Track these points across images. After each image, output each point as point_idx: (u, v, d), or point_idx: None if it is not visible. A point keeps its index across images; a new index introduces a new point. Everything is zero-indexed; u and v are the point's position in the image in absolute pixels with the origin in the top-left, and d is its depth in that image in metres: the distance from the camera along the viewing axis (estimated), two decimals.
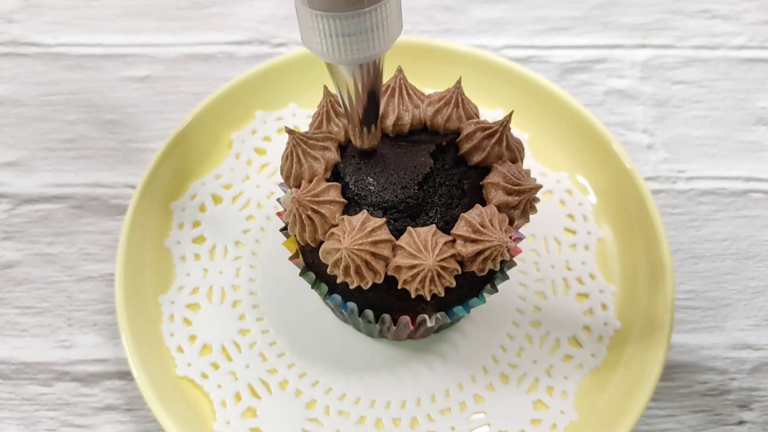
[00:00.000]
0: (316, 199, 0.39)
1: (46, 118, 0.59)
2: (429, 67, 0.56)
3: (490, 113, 0.57)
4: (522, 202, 0.40)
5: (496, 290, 0.43)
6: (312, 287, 0.43)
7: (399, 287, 0.39)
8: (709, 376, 0.51)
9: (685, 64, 0.64)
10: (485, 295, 0.43)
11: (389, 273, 0.39)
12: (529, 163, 0.55)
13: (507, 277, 0.44)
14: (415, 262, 0.38)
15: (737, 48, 0.66)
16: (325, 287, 0.43)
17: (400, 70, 0.42)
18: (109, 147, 0.58)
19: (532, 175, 0.54)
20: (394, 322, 0.43)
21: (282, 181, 0.43)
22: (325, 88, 0.42)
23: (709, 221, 0.57)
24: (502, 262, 0.42)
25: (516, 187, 0.40)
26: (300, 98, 0.57)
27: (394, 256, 0.39)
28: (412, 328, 0.44)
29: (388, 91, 0.42)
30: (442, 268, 0.38)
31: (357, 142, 0.40)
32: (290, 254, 0.45)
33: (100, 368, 0.49)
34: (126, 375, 0.49)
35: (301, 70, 0.57)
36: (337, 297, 0.43)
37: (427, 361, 0.48)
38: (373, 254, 0.38)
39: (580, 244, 0.52)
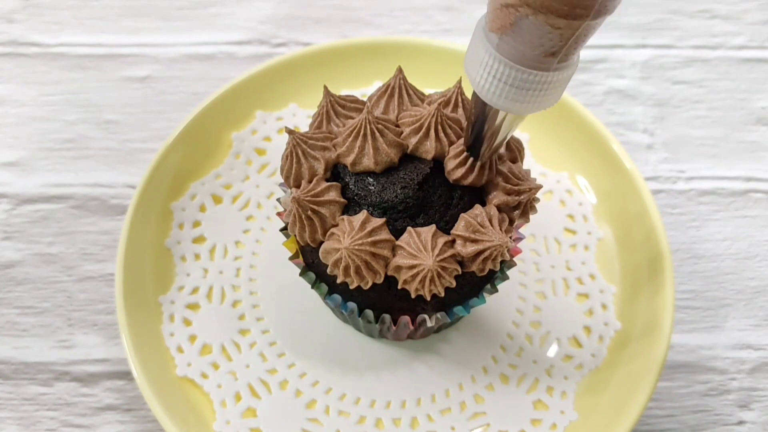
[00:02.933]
0: (316, 199, 0.39)
1: (46, 118, 0.60)
2: (429, 67, 0.56)
3: None
4: (522, 202, 0.40)
5: (496, 290, 0.43)
6: (312, 287, 0.43)
7: (399, 287, 0.39)
8: (709, 376, 0.51)
9: (685, 64, 0.65)
10: (485, 295, 0.43)
11: (389, 273, 0.39)
12: (529, 163, 0.55)
13: (507, 277, 0.43)
14: (415, 262, 0.38)
15: (737, 48, 0.66)
16: (325, 287, 0.43)
17: (400, 70, 0.42)
18: (109, 147, 0.58)
19: (532, 175, 0.54)
20: (394, 322, 0.43)
21: (282, 181, 0.43)
22: (325, 88, 0.42)
23: (709, 221, 0.57)
24: (502, 262, 0.42)
25: (516, 187, 0.40)
26: (300, 98, 0.57)
27: (394, 256, 0.39)
28: (412, 328, 0.44)
29: (388, 91, 0.42)
30: (442, 268, 0.38)
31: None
32: (290, 254, 0.45)
33: (100, 368, 0.49)
34: (126, 375, 0.49)
35: (301, 70, 0.57)
36: (337, 297, 0.43)
37: (427, 361, 0.48)
38: (373, 254, 0.38)
39: (580, 244, 0.52)
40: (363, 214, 0.39)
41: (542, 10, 0.28)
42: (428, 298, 0.39)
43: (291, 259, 0.45)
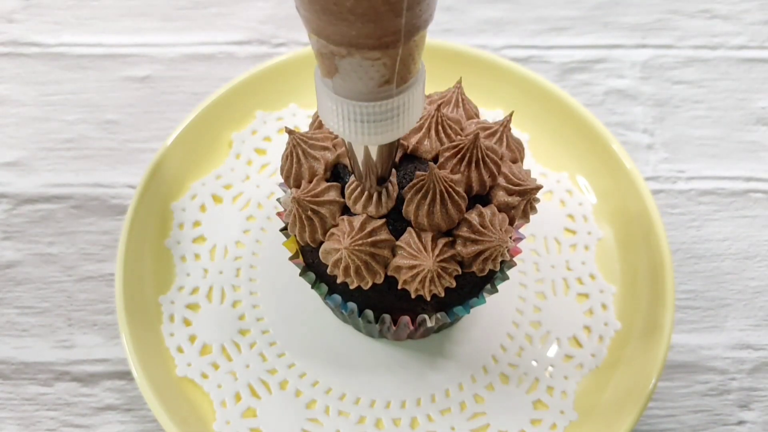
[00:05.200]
0: (316, 199, 0.39)
1: (46, 118, 0.60)
2: (429, 67, 0.56)
3: (490, 113, 0.57)
4: (522, 202, 0.40)
5: (496, 290, 0.43)
6: (312, 287, 0.43)
7: (399, 287, 0.39)
8: (709, 376, 0.51)
9: (685, 64, 0.64)
10: (485, 295, 0.43)
11: (389, 273, 0.39)
12: (529, 163, 0.55)
13: (507, 277, 0.43)
14: (415, 262, 0.38)
15: (737, 48, 0.66)
16: (325, 287, 0.43)
17: None
18: (109, 147, 0.58)
19: (533, 175, 0.54)
20: (394, 322, 0.43)
21: (282, 181, 0.43)
22: None
23: (709, 221, 0.57)
24: (502, 262, 0.42)
25: (516, 188, 0.40)
26: (300, 98, 0.57)
27: (394, 256, 0.39)
28: (412, 328, 0.44)
29: None
30: (442, 268, 0.38)
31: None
32: (290, 254, 0.45)
33: (100, 368, 0.49)
34: (126, 375, 0.49)
35: (301, 70, 0.57)
36: (337, 297, 0.43)
37: (427, 361, 0.48)
38: (373, 254, 0.38)
39: (580, 244, 0.52)
40: (363, 215, 0.39)
41: (352, 49, 0.28)
42: (428, 299, 0.39)
43: (291, 259, 0.45)
